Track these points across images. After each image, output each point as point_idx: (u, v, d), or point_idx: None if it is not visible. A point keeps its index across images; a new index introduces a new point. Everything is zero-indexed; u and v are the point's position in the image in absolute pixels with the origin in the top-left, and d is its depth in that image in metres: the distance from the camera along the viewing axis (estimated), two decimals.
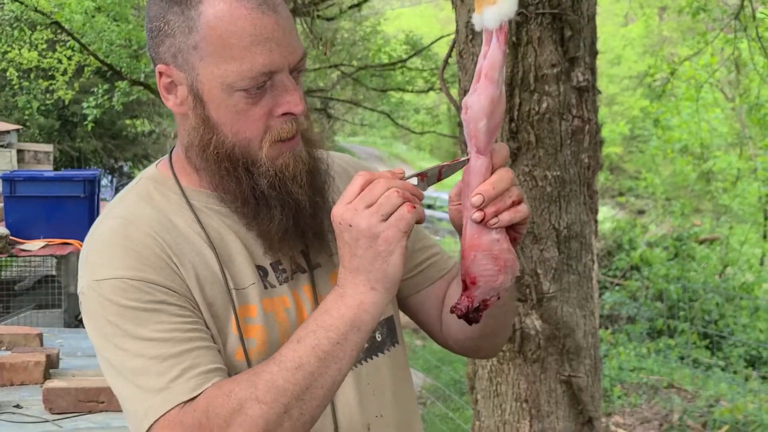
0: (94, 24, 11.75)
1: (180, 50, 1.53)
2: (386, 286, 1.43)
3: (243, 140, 1.54)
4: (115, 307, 1.50)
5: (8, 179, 6.40)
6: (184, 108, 1.57)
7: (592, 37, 3.50)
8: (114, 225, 1.57)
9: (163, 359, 1.45)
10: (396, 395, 1.72)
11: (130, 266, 1.50)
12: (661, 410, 7.67)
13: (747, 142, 16.35)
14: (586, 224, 3.51)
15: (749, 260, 13.86)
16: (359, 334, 1.44)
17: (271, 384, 1.41)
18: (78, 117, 17.32)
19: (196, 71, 1.53)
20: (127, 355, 1.48)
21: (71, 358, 4.21)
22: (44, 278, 6.98)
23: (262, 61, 1.49)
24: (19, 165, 10.44)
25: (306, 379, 1.41)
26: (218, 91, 1.52)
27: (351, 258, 1.44)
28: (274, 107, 1.53)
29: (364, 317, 1.43)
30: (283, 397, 1.40)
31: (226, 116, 1.53)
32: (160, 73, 1.57)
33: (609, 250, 12.56)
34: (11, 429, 3.28)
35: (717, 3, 11.76)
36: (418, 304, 1.82)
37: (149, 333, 1.47)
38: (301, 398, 1.41)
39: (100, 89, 12.91)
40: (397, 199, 1.41)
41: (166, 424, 1.43)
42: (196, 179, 1.63)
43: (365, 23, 20.92)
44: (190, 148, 1.59)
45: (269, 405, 1.40)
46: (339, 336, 1.42)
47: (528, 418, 3.53)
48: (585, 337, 3.53)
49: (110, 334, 1.51)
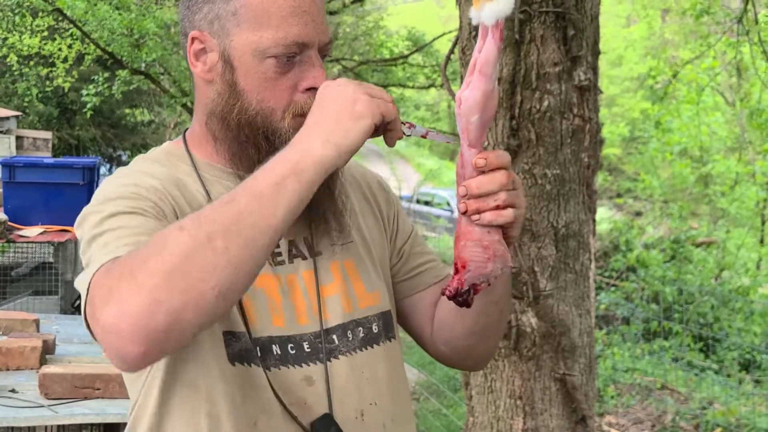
0: (96, 12, 11.73)
1: (218, 16, 1.58)
2: (339, 146, 1.41)
3: (266, 109, 1.58)
4: (105, 202, 1.52)
5: (7, 165, 6.38)
6: (212, 74, 1.61)
7: (594, 36, 3.50)
8: (120, 176, 1.61)
9: (121, 238, 1.44)
10: (391, 387, 1.72)
11: (130, 184, 1.55)
12: (654, 411, 7.68)
13: (746, 146, 16.36)
14: (585, 223, 3.52)
15: (746, 264, 13.88)
16: (298, 184, 1.37)
17: (196, 216, 1.35)
18: (77, 105, 17.29)
19: (230, 37, 1.57)
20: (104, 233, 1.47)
21: (67, 344, 4.22)
22: (41, 265, 6.97)
23: (297, 32, 1.55)
24: (18, 151, 10.42)
25: (234, 215, 1.33)
26: (250, 57, 1.56)
27: (319, 114, 1.45)
28: (299, 81, 1.58)
29: (306, 165, 1.39)
30: (206, 226, 1.32)
31: (254, 83, 1.57)
32: (192, 39, 1.61)
33: (605, 251, 12.56)
34: (6, 413, 3.29)
35: (720, 6, 11.77)
36: (410, 306, 1.83)
37: (125, 221, 1.47)
38: (227, 231, 1.32)
39: (101, 77, 12.89)
40: (385, 94, 1.47)
41: (96, 279, 1.38)
42: (211, 151, 1.66)
43: (367, 18, 20.91)
44: (211, 115, 1.63)
45: (189, 231, 1.31)
46: (277, 177, 1.37)
47: (522, 415, 3.54)
48: (580, 336, 3.54)
49: (94, 220, 1.51)
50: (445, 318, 1.76)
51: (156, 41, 12.52)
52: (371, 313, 1.71)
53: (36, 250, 7.20)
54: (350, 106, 1.43)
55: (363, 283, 1.72)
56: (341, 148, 1.42)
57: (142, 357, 1.30)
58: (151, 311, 1.27)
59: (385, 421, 1.68)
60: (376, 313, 1.72)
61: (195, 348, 1.54)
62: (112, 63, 13.93)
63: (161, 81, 13.82)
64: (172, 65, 13.31)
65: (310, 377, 1.60)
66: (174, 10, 14.04)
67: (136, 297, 1.28)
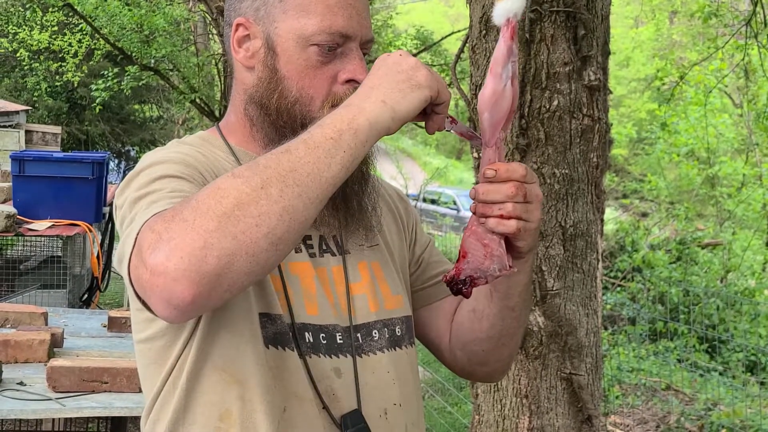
0: (106, 8, 11.76)
1: (265, 2, 1.61)
2: (395, 110, 1.42)
3: (306, 97, 1.59)
4: (152, 166, 1.53)
5: (17, 159, 6.41)
6: (254, 61, 1.62)
7: (605, 36, 3.51)
8: (159, 149, 1.63)
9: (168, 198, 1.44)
10: (413, 391, 1.73)
11: (178, 152, 1.57)
12: (658, 412, 7.69)
13: (753, 148, 16.34)
14: (593, 223, 3.52)
15: (752, 266, 13.85)
16: (354, 138, 1.38)
17: (252, 164, 1.35)
18: (86, 100, 17.33)
19: (275, 24, 1.59)
20: (153, 192, 1.47)
21: (75, 338, 4.23)
22: (50, 258, 7.00)
23: (342, 23, 1.57)
24: (27, 146, 10.46)
25: (290, 162, 1.34)
26: (293, 44, 1.58)
27: (376, 78, 1.45)
28: (340, 72, 1.59)
29: (362, 121, 1.39)
30: (262, 173, 1.32)
31: (295, 70, 1.59)
32: (237, 26, 1.63)
33: (611, 252, 12.56)
34: (14, 406, 3.31)
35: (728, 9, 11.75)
36: (428, 316, 1.84)
37: (175, 185, 1.48)
38: (282, 179, 1.32)
39: (110, 73, 12.91)
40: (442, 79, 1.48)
41: (147, 227, 1.36)
42: (248, 138, 1.67)
43: (376, 17, 20.91)
44: (250, 101, 1.64)
45: (244, 178, 1.32)
46: (333, 132, 1.37)
47: (528, 414, 3.55)
48: (587, 336, 3.54)
49: (142, 181, 1.51)
50: (463, 321, 1.77)
51: (165, 37, 12.54)
52: (396, 316, 1.71)
53: (45, 243, 7.21)
54: (411, 72, 1.44)
55: (389, 285, 1.72)
56: (396, 113, 1.42)
57: (191, 300, 1.28)
58: (204, 253, 1.26)
59: (407, 423, 1.69)
60: (401, 317, 1.72)
61: (229, 328, 1.52)
62: (121, 59, 13.97)
63: (170, 77, 13.83)
64: (181, 61, 13.33)
65: (338, 369, 1.59)
66: (183, 7, 14.06)
67: (188, 238, 1.27)
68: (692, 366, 9.25)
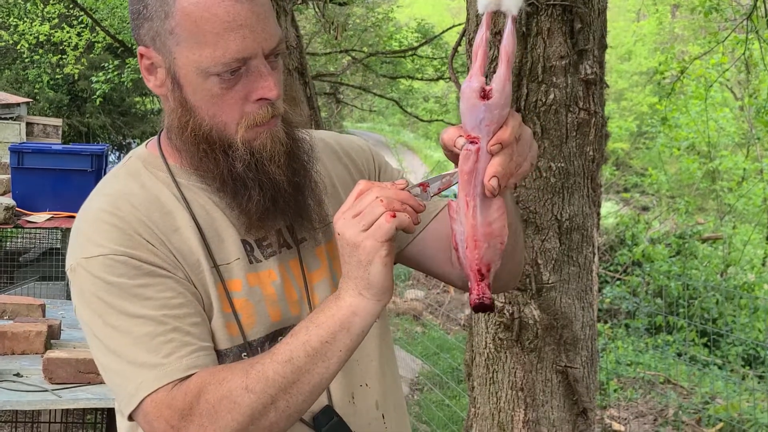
0: (106, 0, 11.75)
1: (158, 34, 1.56)
2: (372, 293, 1.45)
3: (219, 123, 1.57)
4: (103, 284, 1.52)
5: (16, 151, 6.40)
6: (164, 90, 1.61)
7: (602, 30, 3.50)
8: (103, 203, 1.60)
9: (153, 336, 1.49)
10: (379, 366, 1.74)
11: (117, 242, 1.54)
12: (656, 405, 7.70)
13: (754, 142, 16.32)
14: (588, 217, 3.52)
15: (752, 260, 13.86)
16: (348, 336, 1.46)
17: (261, 374, 1.45)
18: (88, 92, 17.32)
19: (173, 55, 1.55)
20: (116, 331, 1.51)
21: (72, 329, 4.23)
22: (49, 251, 7.01)
23: (235, 48, 1.51)
24: (28, 138, 10.44)
25: (294, 374, 1.45)
26: (194, 76, 1.55)
27: (343, 264, 1.48)
28: (249, 93, 1.56)
29: (353, 320, 1.46)
30: (271, 389, 1.44)
31: (203, 100, 1.56)
32: (141, 55, 1.60)
33: (611, 245, 12.55)
34: (11, 397, 3.32)
35: (730, 3, 11.73)
36: (417, 251, 1.79)
37: (138, 309, 1.50)
38: (288, 391, 1.45)
39: (111, 65, 12.91)
40: (380, 208, 1.41)
41: (154, 405, 1.47)
42: (182, 159, 1.66)
43: (377, 10, 20.88)
44: (171, 129, 1.64)
45: (257, 395, 1.44)
46: (328, 334, 1.46)
47: (523, 406, 3.56)
48: (582, 329, 3.55)
49: (99, 311, 1.53)
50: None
51: None
52: None
53: (43, 235, 7.23)
54: (356, 255, 1.44)
55: None
56: (375, 294, 1.46)
57: None
58: None
59: (378, 400, 1.71)
60: None
61: None
62: (122, 51, 13.95)
63: None
64: None
65: None
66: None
67: None
68: (691, 360, 9.26)
